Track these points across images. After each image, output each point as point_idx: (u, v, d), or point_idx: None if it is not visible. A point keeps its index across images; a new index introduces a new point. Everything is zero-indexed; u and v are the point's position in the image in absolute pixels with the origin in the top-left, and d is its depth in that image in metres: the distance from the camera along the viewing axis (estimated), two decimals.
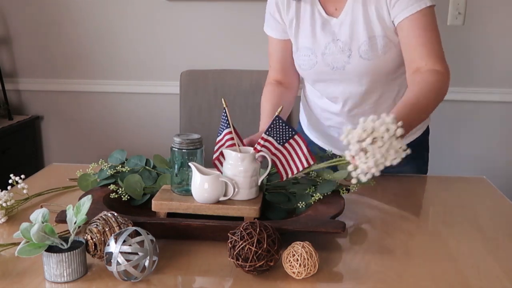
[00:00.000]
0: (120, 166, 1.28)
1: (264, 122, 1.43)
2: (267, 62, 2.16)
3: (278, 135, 1.19)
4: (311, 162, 1.19)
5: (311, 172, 1.26)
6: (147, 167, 1.29)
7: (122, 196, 1.21)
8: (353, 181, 0.98)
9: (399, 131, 0.95)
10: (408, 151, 0.97)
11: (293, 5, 1.39)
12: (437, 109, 2.57)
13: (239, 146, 1.19)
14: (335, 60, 1.38)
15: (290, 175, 1.20)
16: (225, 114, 1.20)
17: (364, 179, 0.96)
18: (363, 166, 0.95)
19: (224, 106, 1.20)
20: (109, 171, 1.27)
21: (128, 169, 1.27)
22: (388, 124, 0.94)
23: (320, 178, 1.24)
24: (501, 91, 2.41)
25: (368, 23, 1.32)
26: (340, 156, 1.13)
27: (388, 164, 0.96)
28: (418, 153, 1.59)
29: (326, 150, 1.49)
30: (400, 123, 0.96)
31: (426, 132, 1.59)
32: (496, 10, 2.33)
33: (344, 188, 1.26)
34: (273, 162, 1.19)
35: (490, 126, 2.47)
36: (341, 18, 1.34)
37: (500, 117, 2.45)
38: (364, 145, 0.94)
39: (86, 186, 1.29)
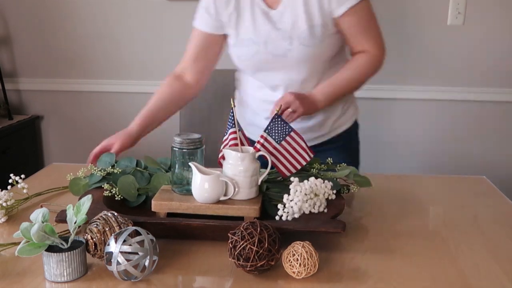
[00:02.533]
0: (110, 168, 1.28)
1: (141, 115, 1.51)
2: None
3: (276, 133, 1.20)
4: (311, 155, 1.22)
5: (313, 171, 1.27)
6: (138, 168, 1.29)
7: (116, 196, 1.21)
8: (284, 217, 1.11)
9: (333, 196, 1.15)
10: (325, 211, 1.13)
11: (232, 1, 1.46)
12: (437, 108, 2.57)
13: (242, 145, 1.19)
14: (276, 48, 1.44)
15: (293, 171, 1.21)
16: (232, 114, 1.21)
17: (284, 218, 1.10)
18: (292, 206, 1.10)
19: (232, 106, 1.21)
20: (99, 172, 1.26)
21: (120, 170, 1.27)
22: (328, 190, 1.14)
23: (322, 176, 1.25)
24: (501, 90, 2.41)
25: (308, 13, 1.40)
26: None
27: (306, 212, 1.11)
28: (348, 143, 1.67)
29: None
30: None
31: (355, 125, 1.68)
32: (496, 10, 2.33)
33: (344, 188, 1.26)
34: (273, 164, 1.19)
35: (490, 126, 2.47)
36: (281, 9, 1.42)
37: (500, 117, 2.45)
38: (305, 198, 1.11)
39: (78, 190, 1.29)
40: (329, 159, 1.37)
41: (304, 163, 1.22)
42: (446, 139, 2.50)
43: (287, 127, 1.21)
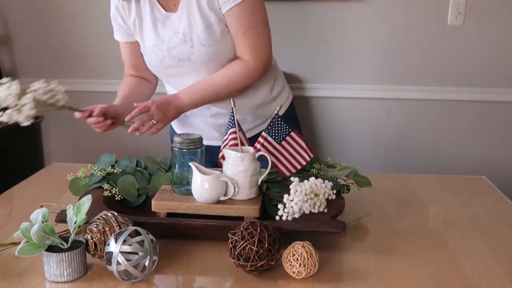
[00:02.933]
0: (110, 168, 1.28)
1: (118, 100, 1.48)
2: None
3: (276, 133, 1.20)
4: (312, 155, 1.22)
5: (313, 171, 1.28)
6: (138, 168, 1.29)
7: (116, 196, 1.21)
8: (284, 216, 1.11)
9: (333, 196, 1.15)
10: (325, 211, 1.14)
11: (133, 7, 1.46)
12: (437, 109, 2.56)
13: (242, 145, 1.19)
14: (180, 52, 1.44)
15: (293, 171, 1.21)
16: (232, 114, 1.21)
17: (284, 218, 1.10)
18: (292, 206, 1.10)
19: (232, 106, 1.20)
20: (99, 172, 1.26)
21: (120, 170, 1.27)
22: (328, 190, 1.14)
23: (323, 176, 1.25)
24: (501, 91, 2.41)
25: (202, 13, 1.39)
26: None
27: (306, 212, 1.11)
28: (290, 126, 1.63)
29: None
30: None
31: (291, 107, 1.67)
32: (496, 10, 2.33)
33: (344, 188, 1.26)
34: (273, 164, 1.19)
35: (490, 126, 2.46)
36: (179, 12, 1.41)
37: (500, 117, 2.45)
38: (305, 198, 1.11)
39: (78, 190, 1.29)
40: (329, 159, 1.37)
41: (304, 163, 1.22)
42: (446, 139, 2.49)
43: (287, 127, 1.21)
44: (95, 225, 0.99)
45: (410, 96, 2.45)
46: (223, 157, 1.17)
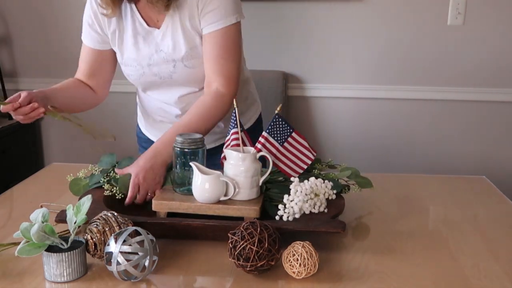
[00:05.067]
0: (111, 169, 1.28)
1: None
2: (267, 62, 2.14)
3: (277, 134, 1.20)
4: (315, 154, 1.23)
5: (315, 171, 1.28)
6: None
7: (117, 194, 1.21)
8: (284, 217, 1.11)
9: (333, 196, 1.16)
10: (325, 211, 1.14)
11: (114, 18, 1.39)
12: (437, 109, 2.56)
13: (244, 146, 1.19)
14: (161, 71, 1.41)
15: (299, 171, 1.21)
16: (234, 115, 1.21)
17: (285, 218, 1.10)
18: (292, 206, 1.11)
19: (234, 106, 1.20)
20: (101, 176, 1.26)
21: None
22: (328, 190, 1.15)
23: (323, 176, 1.25)
24: (501, 91, 2.41)
25: (187, 35, 1.35)
26: None
27: (307, 212, 1.11)
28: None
29: None
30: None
31: (259, 120, 1.65)
32: (496, 10, 2.33)
33: (345, 188, 1.26)
34: (277, 166, 1.19)
35: (490, 126, 2.47)
36: (163, 29, 1.37)
37: (500, 117, 2.45)
38: (306, 198, 1.12)
39: (78, 190, 1.28)
40: (330, 160, 1.37)
41: (309, 162, 1.22)
42: (446, 139, 2.50)
43: (288, 127, 1.21)
44: (95, 225, 0.99)
45: (410, 96, 2.45)
46: (225, 158, 1.17)
